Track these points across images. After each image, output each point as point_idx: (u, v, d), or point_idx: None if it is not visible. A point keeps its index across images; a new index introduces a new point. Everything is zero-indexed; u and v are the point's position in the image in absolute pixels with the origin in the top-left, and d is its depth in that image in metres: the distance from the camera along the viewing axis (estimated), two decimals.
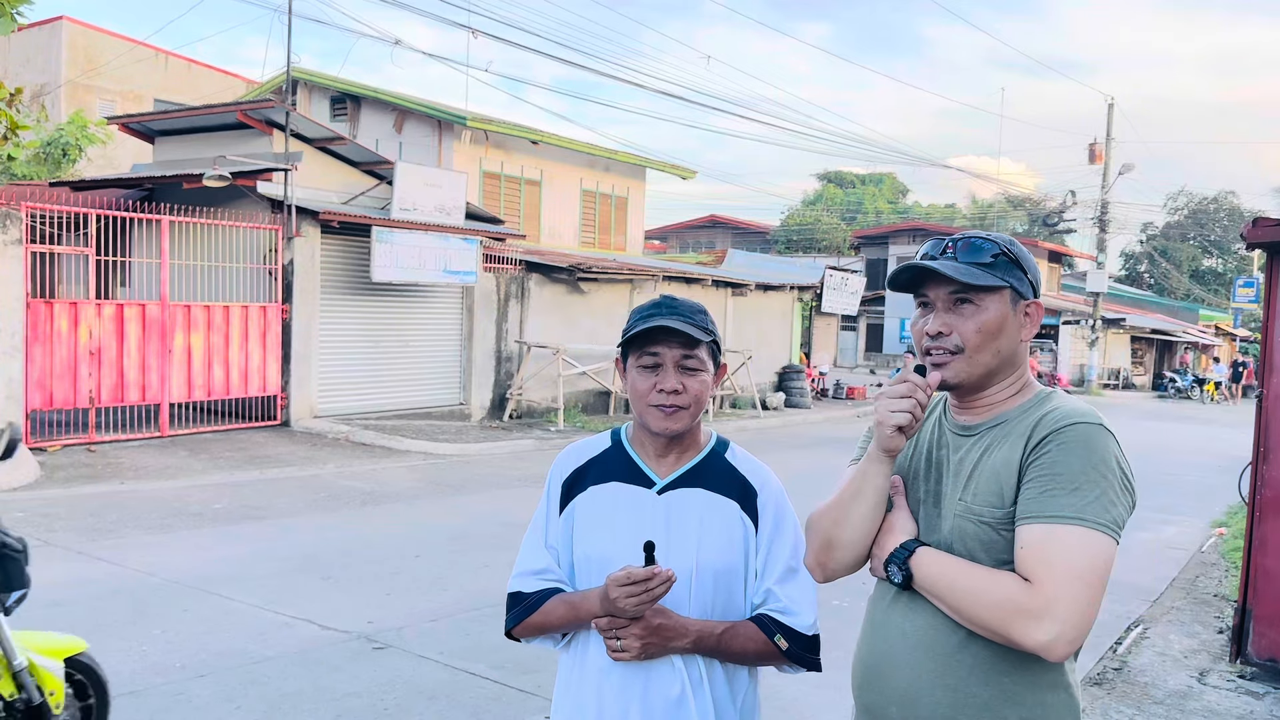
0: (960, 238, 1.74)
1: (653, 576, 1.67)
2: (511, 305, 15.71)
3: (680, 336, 1.81)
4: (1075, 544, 1.52)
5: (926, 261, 1.71)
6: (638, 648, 1.73)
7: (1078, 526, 1.53)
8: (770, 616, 1.83)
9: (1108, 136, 32.02)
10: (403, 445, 12.12)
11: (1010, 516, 1.61)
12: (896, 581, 1.68)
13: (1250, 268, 44.60)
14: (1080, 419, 1.62)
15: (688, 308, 1.85)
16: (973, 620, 1.59)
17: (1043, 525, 1.55)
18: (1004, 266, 1.70)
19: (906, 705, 1.67)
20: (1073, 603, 1.50)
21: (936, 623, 1.65)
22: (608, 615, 1.74)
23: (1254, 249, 5.16)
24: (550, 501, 1.93)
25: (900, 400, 1.64)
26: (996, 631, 1.56)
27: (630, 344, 1.85)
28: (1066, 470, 1.57)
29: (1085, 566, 1.52)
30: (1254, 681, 5.07)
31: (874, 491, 1.70)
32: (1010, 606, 1.53)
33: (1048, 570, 1.52)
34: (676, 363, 1.81)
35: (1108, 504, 1.56)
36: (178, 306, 11.76)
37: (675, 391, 1.81)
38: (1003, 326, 1.69)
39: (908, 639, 1.68)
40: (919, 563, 1.65)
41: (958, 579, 1.61)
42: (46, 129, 18.03)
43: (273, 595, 5.88)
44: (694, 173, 24.45)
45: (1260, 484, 5.10)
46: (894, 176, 58.25)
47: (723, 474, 1.89)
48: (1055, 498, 1.56)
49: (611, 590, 1.70)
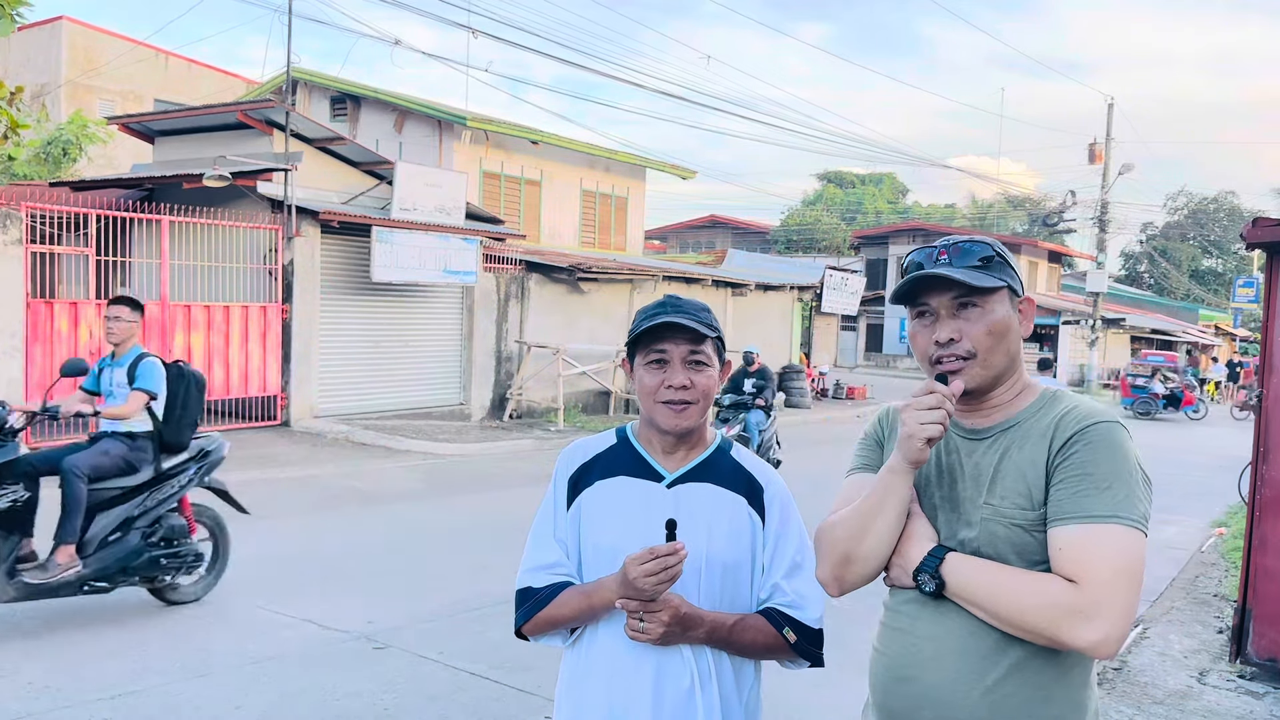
0: (949, 243, 1.73)
1: (675, 552, 1.68)
2: (511, 305, 15.71)
3: (686, 332, 1.83)
4: (1114, 542, 1.54)
5: (927, 268, 1.70)
6: (660, 631, 1.73)
7: (1114, 525, 1.55)
8: (779, 610, 1.85)
9: (1108, 136, 32.02)
10: (403, 445, 12.12)
11: (1041, 518, 1.62)
12: (929, 590, 1.66)
13: (1250, 268, 44.60)
14: (1101, 418, 1.64)
15: (692, 306, 1.88)
16: (1016, 623, 1.58)
17: (1080, 525, 1.56)
18: (998, 266, 1.71)
19: (941, 708, 1.66)
20: (1119, 600, 1.52)
21: (967, 626, 1.64)
22: (625, 599, 1.74)
23: (1254, 249, 5.16)
24: (557, 496, 1.93)
25: (931, 411, 1.63)
26: (1043, 633, 1.56)
27: (637, 343, 1.88)
28: (1096, 470, 1.58)
29: (1126, 563, 1.54)
30: (1254, 681, 5.07)
31: (897, 504, 1.69)
32: (1059, 609, 1.53)
33: (1092, 570, 1.53)
34: (684, 359, 1.84)
35: (1136, 500, 1.58)
36: (178, 306, 11.76)
37: (684, 387, 1.83)
38: (1009, 326, 1.70)
39: (938, 643, 1.67)
40: (951, 569, 1.65)
41: (997, 584, 1.60)
42: (46, 129, 18.03)
43: (273, 595, 5.88)
44: (694, 173, 24.47)
45: (1260, 484, 5.10)
46: (894, 177, 58.24)
47: (730, 470, 1.91)
48: (1089, 497, 1.57)
49: (631, 570, 1.69)
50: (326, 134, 13.93)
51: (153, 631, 5.18)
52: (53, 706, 4.17)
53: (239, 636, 5.16)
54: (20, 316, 10.33)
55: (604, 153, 21.81)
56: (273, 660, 4.83)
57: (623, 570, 1.72)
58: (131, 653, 4.84)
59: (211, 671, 4.65)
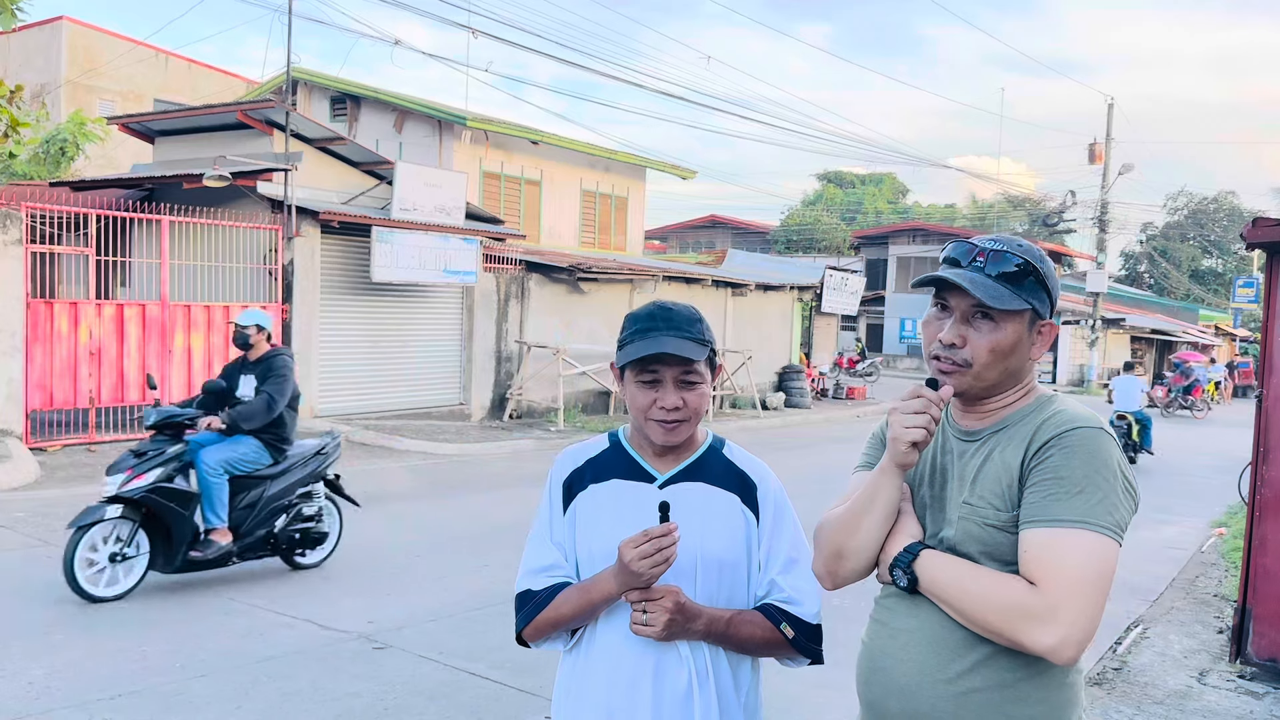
0: (990, 248, 1.71)
1: (668, 533, 1.68)
2: (511, 305, 15.71)
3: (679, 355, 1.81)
4: (1080, 548, 1.54)
5: (952, 272, 1.70)
6: (664, 622, 1.72)
7: (1082, 530, 1.55)
8: (776, 605, 1.85)
9: (1108, 136, 32.03)
10: (403, 445, 12.12)
11: (1014, 520, 1.62)
12: (902, 585, 1.69)
13: (1250, 268, 44.60)
14: (1082, 423, 1.63)
15: (683, 319, 1.84)
16: (978, 623, 1.60)
17: (1047, 529, 1.56)
18: (1030, 287, 1.69)
19: (906, 699, 1.68)
20: (1078, 606, 1.51)
21: (941, 621, 1.66)
22: (623, 590, 1.74)
23: (1254, 249, 5.16)
24: (552, 502, 1.93)
25: (915, 416, 1.64)
26: (1002, 634, 1.57)
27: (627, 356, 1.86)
28: (1070, 474, 1.58)
29: (1090, 570, 1.53)
30: (1254, 681, 5.07)
31: (885, 504, 1.71)
32: (1016, 610, 1.54)
33: (1053, 574, 1.53)
34: (676, 379, 1.82)
35: (1110, 507, 1.57)
36: (178, 306, 11.76)
37: (676, 408, 1.82)
38: (1015, 347, 1.69)
39: (911, 635, 1.69)
40: (923, 566, 1.67)
41: (963, 582, 1.62)
42: (46, 128, 18.01)
43: (273, 595, 5.89)
44: (694, 173, 24.46)
45: (1260, 484, 5.11)
46: (894, 177, 58.21)
47: (722, 469, 1.91)
48: (1059, 502, 1.57)
49: (626, 553, 1.69)
50: (326, 134, 13.93)
51: (153, 631, 5.18)
52: (53, 706, 4.18)
53: (239, 636, 5.16)
54: (20, 316, 10.33)
55: (604, 153, 21.80)
56: (273, 660, 4.83)
57: (618, 558, 1.72)
58: (131, 653, 4.84)
59: (211, 671, 4.65)
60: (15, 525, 7.31)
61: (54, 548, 6.76)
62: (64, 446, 10.63)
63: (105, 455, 10.40)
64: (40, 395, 10.54)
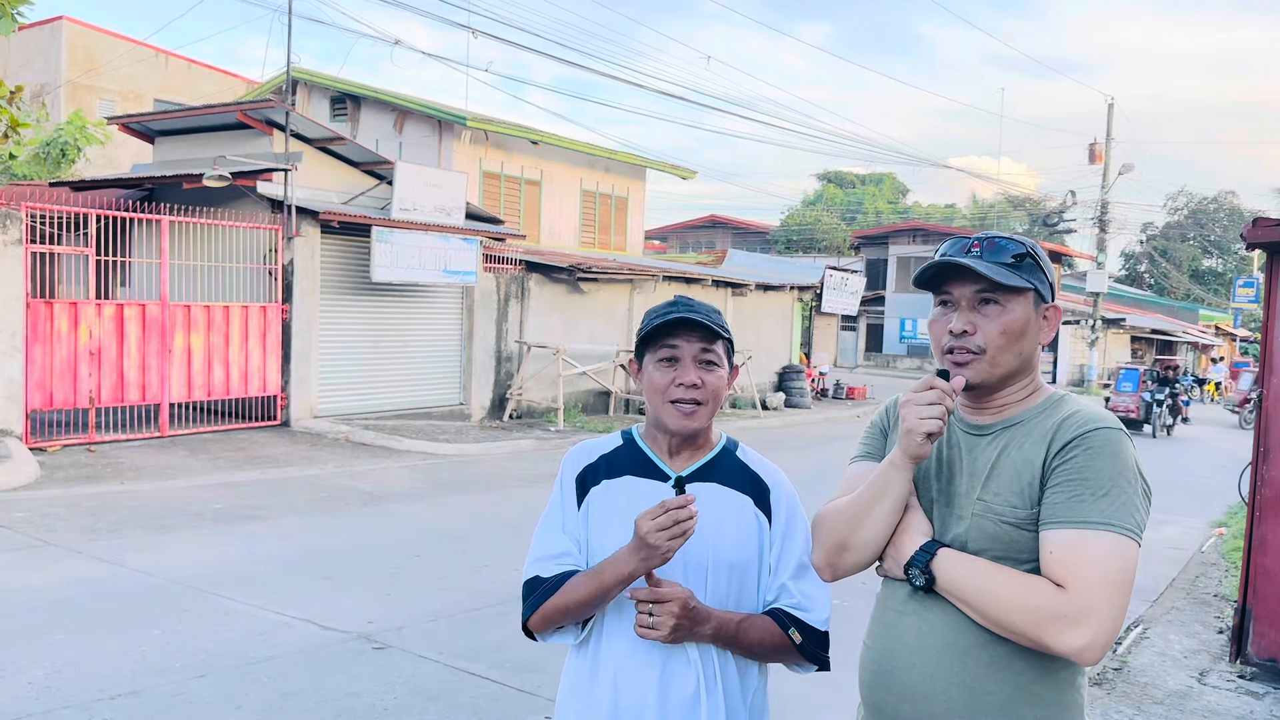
0: (984, 237, 1.73)
1: (685, 505, 1.66)
2: (511, 305, 15.71)
3: (699, 329, 1.82)
4: (1106, 550, 1.54)
5: (957, 258, 1.70)
6: (670, 625, 1.71)
7: (1108, 532, 1.55)
8: (785, 611, 1.84)
9: (1108, 136, 32.03)
10: (403, 445, 12.12)
11: (1033, 518, 1.62)
12: (919, 585, 1.67)
13: (1250, 268, 44.58)
14: (1103, 424, 1.63)
15: (704, 307, 1.87)
16: (1002, 624, 1.59)
17: (1073, 530, 1.56)
18: (1028, 269, 1.70)
19: (920, 702, 1.67)
20: (1106, 608, 1.51)
21: (952, 621, 1.65)
22: (641, 567, 1.70)
23: (1254, 249, 5.16)
24: (565, 495, 1.91)
25: (930, 407, 1.63)
26: (1027, 636, 1.56)
27: (648, 340, 1.86)
28: (1094, 476, 1.58)
29: (1116, 572, 1.53)
30: (1254, 681, 5.07)
31: (895, 497, 1.70)
32: (1044, 612, 1.54)
33: (1081, 576, 1.53)
34: (695, 357, 1.83)
35: (1132, 509, 1.57)
36: (178, 306, 11.76)
37: (695, 385, 1.81)
38: (1025, 329, 1.69)
39: (923, 637, 1.68)
40: (942, 565, 1.65)
41: (985, 583, 1.61)
42: (46, 128, 18.02)
43: (273, 595, 5.88)
44: (694, 173, 24.45)
45: (1260, 484, 5.10)
46: (894, 177, 58.23)
47: (736, 470, 1.90)
48: (1084, 503, 1.57)
49: (643, 525, 1.67)
50: (326, 134, 13.92)
51: (153, 631, 5.17)
52: (53, 706, 4.17)
53: (239, 636, 5.16)
54: (20, 316, 10.33)
55: (604, 153, 21.80)
56: (273, 660, 4.83)
57: (635, 531, 1.70)
58: (131, 653, 4.84)
59: (211, 671, 4.65)
60: (15, 525, 7.30)
61: (54, 548, 6.76)
62: (64, 446, 10.63)
63: (105, 455, 10.41)
64: (40, 395, 10.53)
